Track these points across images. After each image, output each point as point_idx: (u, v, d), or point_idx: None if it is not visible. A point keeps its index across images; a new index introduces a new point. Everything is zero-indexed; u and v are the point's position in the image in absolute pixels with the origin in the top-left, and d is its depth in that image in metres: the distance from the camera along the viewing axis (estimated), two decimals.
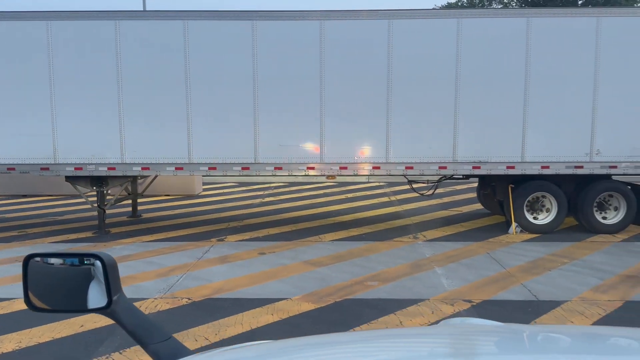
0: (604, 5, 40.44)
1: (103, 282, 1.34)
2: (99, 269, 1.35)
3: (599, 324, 4.67)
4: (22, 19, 8.00)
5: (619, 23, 7.90)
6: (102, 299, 1.35)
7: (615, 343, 1.27)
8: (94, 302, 1.36)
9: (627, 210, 8.20)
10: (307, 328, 4.64)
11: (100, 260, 1.35)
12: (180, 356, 1.34)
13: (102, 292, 1.35)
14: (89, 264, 1.36)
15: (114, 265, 1.37)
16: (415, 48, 8.00)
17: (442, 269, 6.45)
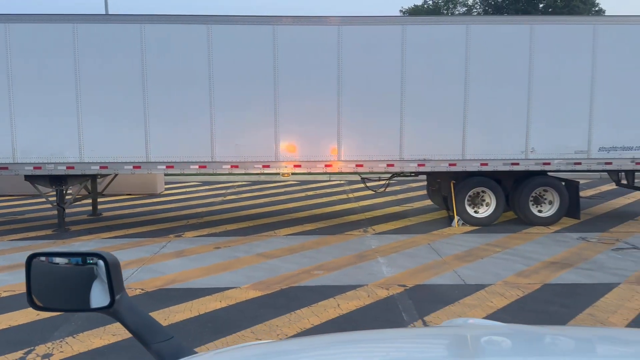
0: (543, 13, 42.00)
1: (106, 281, 1.35)
2: (102, 269, 1.35)
3: (516, 304, 5.21)
4: None
5: (551, 30, 8.55)
6: (105, 298, 1.35)
7: (616, 344, 1.27)
8: (97, 302, 1.36)
9: (560, 203, 8.88)
10: (251, 313, 5.03)
11: (103, 259, 1.35)
12: (183, 356, 1.34)
13: (105, 292, 1.35)
14: (92, 263, 1.37)
15: (117, 265, 1.38)
16: (363, 53, 8.47)
17: (384, 258, 6.93)
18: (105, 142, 8.37)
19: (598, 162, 8.67)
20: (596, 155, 8.65)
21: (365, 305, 5.21)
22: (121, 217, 10.09)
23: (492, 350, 1.24)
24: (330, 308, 5.14)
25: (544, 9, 59.13)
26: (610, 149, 8.65)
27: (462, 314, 4.93)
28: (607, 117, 8.56)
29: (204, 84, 8.34)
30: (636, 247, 7.34)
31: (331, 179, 15.98)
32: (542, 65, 8.46)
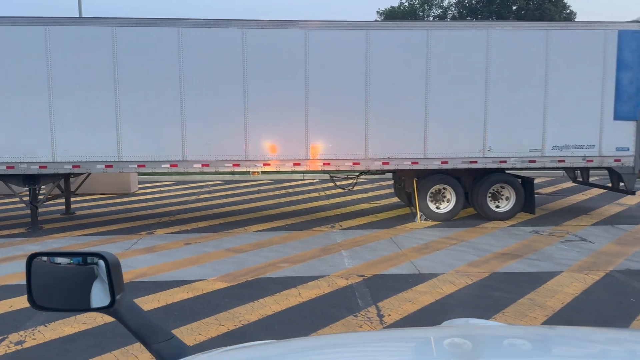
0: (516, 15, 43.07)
1: (106, 281, 1.35)
2: (103, 268, 1.36)
3: (463, 290, 5.62)
4: None
5: (506, 34, 9.02)
6: (105, 298, 1.35)
7: (617, 344, 1.28)
8: (97, 302, 1.36)
9: (516, 199, 9.38)
10: (216, 302, 5.33)
11: (103, 259, 1.36)
12: (183, 356, 1.35)
13: (105, 292, 1.35)
14: (93, 263, 1.38)
15: (118, 265, 1.38)
16: (330, 55, 8.82)
17: (347, 251, 7.30)
18: (77, 141, 8.55)
19: (551, 160, 9.19)
20: (550, 154, 9.17)
21: (325, 294, 5.56)
22: (94, 215, 10.26)
23: (492, 350, 1.24)
24: (292, 296, 5.48)
25: (517, 11, 60.47)
26: (563, 147, 9.18)
27: (413, 300, 5.31)
28: (560, 118, 9.08)
29: (175, 84, 8.60)
30: (583, 239, 7.86)
31: (304, 178, 16.32)
32: (498, 68, 8.93)
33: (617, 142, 9.25)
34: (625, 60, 9.11)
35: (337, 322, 4.77)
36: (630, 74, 9.13)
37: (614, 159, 9.27)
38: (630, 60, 9.12)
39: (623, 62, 9.11)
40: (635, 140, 9.28)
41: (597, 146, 9.21)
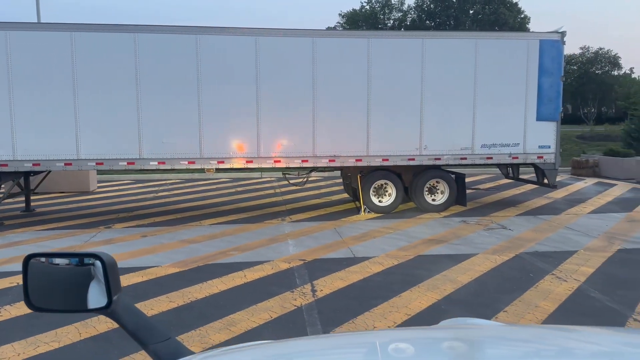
0: (473, 20, 44.32)
1: (103, 282, 1.35)
2: (99, 269, 1.35)
3: (389, 270, 6.39)
4: None
5: (439, 44, 9.92)
6: (102, 299, 1.35)
7: (617, 344, 1.27)
8: (94, 302, 1.36)
9: (450, 193, 10.31)
10: (168, 284, 5.92)
11: (100, 260, 1.35)
12: (181, 356, 1.35)
13: (102, 292, 1.35)
14: (89, 263, 1.37)
15: (115, 266, 1.38)
16: (278, 60, 9.50)
17: (293, 240, 8.00)
18: (38, 140, 8.94)
19: (480, 157, 10.14)
20: (479, 152, 10.12)
21: (268, 275, 6.24)
22: (54, 212, 10.62)
23: (491, 350, 1.24)
24: (238, 278, 6.13)
25: (474, 15, 62.33)
26: (491, 145, 10.14)
27: (344, 278, 6.05)
28: (488, 119, 10.03)
29: (132, 86, 9.09)
30: (504, 227, 8.81)
31: (262, 176, 16.95)
32: (432, 74, 9.81)
33: (540, 140, 10.29)
34: (546, 67, 10.16)
35: (275, 297, 5.46)
36: (550, 79, 10.18)
37: (537, 156, 10.31)
38: (550, 67, 10.17)
39: (544, 69, 10.15)
40: (556, 138, 10.35)
41: (522, 144, 10.22)
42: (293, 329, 4.64)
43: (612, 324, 4.66)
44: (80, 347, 4.30)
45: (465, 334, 1.45)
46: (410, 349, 1.24)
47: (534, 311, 5.01)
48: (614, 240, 7.89)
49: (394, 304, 5.24)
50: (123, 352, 4.10)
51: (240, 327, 4.68)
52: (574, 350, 1.24)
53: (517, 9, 61.50)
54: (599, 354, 1.19)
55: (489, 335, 1.40)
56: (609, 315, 4.92)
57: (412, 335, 1.45)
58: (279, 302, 5.31)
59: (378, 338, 1.41)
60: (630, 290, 5.62)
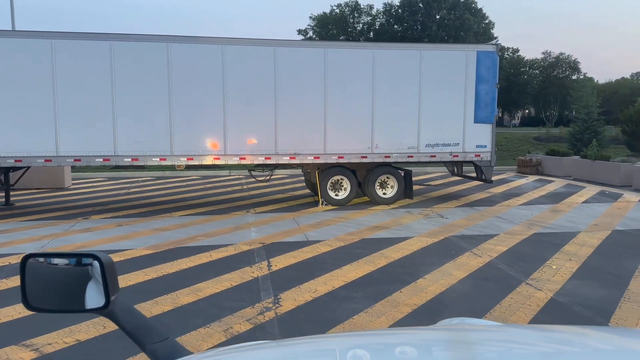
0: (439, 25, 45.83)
1: (101, 282, 1.35)
2: (97, 269, 1.35)
3: (335, 250, 7.46)
4: None
5: (388, 55, 11.07)
6: (100, 299, 1.35)
7: (613, 343, 1.28)
8: (92, 302, 1.36)
9: (398, 187, 11.49)
10: (142, 263, 6.84)
11: (98, 260, 1.35)
12: (178, 356, 1.35)
13: (100, 292, 1.35)
14: (87, 264, 1.37)
15: (112, 266, 1.38)
16: (241, 63, 10.49)
17: (255, 228, 9.01)
18: (19, 137, 9.70)
19: (425, 155, 11.34)
20: (424, 150, 11.32)
21: (231, 254, 7.24)
22: (33, 206, 11.35)
23: (488, 350, 1.25)
24: (204, 257, 7.11)
25: (440, 20, 64.22)
26: (434, 145, 11.36)
27: (296, 256, 7.10)
28: (431, 122, 11.23)
29: (107, 88, 9.93)
30: (441, 216, 10.02)
31: (231, 174, 17.87)
32: (381, 81, 10.96)
33: (477, 140, 11.56)
34: (483, 75, 11.43)
35: (236, 270, 6.46)
36: (486, 86, 11.46)
37: (475, 154, 11.57)
38: (486, 75, 11.44)
39: (481, 77, 11.42)
40: (491, 139, 11.63)
41: (461, 144, 11.47)
42: (248, 294, 5.66)
43: (508, 287, 5.83)
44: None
45: (463, 334, 1.44)
46: (407, 349, 1.22)
47: (446, 278, 6.15)
48: (532, 226, 9.17)
49: (335, 274, 6.31)
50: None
51: (205, 292, 5.66)
52: (572, 350, 1.23)
53: (481, 15, 63.84)
54: (597, 354, 1.19)
55: (487, 336, 1.40)
56: (507, 280, 6.10)
57: (410, 335, 1.44)
58: (239, 274, 6.31)
59: (375, 339, 1.40)
60: (530, 263, 6.83)
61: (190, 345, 4.32)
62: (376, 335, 1.51)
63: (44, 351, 4.22)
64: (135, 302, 5.29)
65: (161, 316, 4.97)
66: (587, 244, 7.80)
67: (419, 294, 5.58)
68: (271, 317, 4.96)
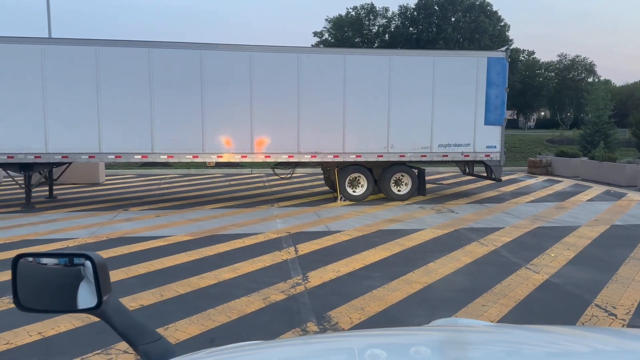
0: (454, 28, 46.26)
1: (93, 282, 1.34)
2: (89, 269, 1.35)
3: (354, 239, 8.28)
4: None
5: (403, 60, 11.86)
6: (92, 299, 1.34)
7: (608, 343, 1.29)
8: (84, 302, 1.35)
9: (412, 185, 12.26)
10: (183, 246, 7.71)
11: (90, 260, 1.35)
12: (170, 357, 1.35)
13: (92, 293, 1.34)
14: (79, 264, 1.37)
15: (105, 266, 1.37)
16: (270, 69, 11.35)
17: (281, 220, 9.86)
18: (66, 136, 10.67)
19: (438, 155, 12.10)
20: (436, 150, 12.08)
21: (261, 241, 8.10)
22: (73, 199, 12.34)
23: (481, 350, 1.25)
24: (238, 243, 7.97)
25: (455, 23, 64.57)
26: (447, 145, 12.11)
27: (320, 243, 7.93)
28: (444, 123, 11.99)
29: (145, 90, 10.86)
30: (452, 211, 10.77)
31: (252, 172, 18.77)
32: (397, 86, 11.75)
33: (487, 141, 12.29)
34: (493, 80, 12.16)
35: (267, 254, 7.31)
36: (496, 90, 12.19)
37: (485, 154, 12.30)
38: (496, 80, 12.17)
39: (491, 82, 12.15)
40: (501, 140, 12.35)
41: (472, 145, 12.21)
42: (280, 272, 6.49)
43: (509, 270, 6.59)
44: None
45: (457, 334, 1.44)
46: (400, 350, 1.23)
47: (454, 263, 6.92)
48: (537, 220, 9.88)
49: (354, 258, 7.13)
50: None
51: (243, 271, 6.52)
52: (566, 350, 1.23)
53: (496, 17, 64.12)
54: (591, 354, 1.19)
55: (479, 336, 1.40)
56: (509, 265, 6.86)
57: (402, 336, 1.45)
58: (270, 257, 7.16)
59: (368, 340, 1.39)
60: (531, 251, 7.57)
61: (237, 309, 5.17)
62: (368, 337, 1.48)
63: None
64: (183, 277, 6.17)
65: (208, 288, 5.83)
66: (586, 236, 8.51)
67: (429, 275, 6.37)
68: (301, 290, 5.79)
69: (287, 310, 5.19)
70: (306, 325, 4.78)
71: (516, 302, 5.39)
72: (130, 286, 5.86)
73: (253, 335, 4.53)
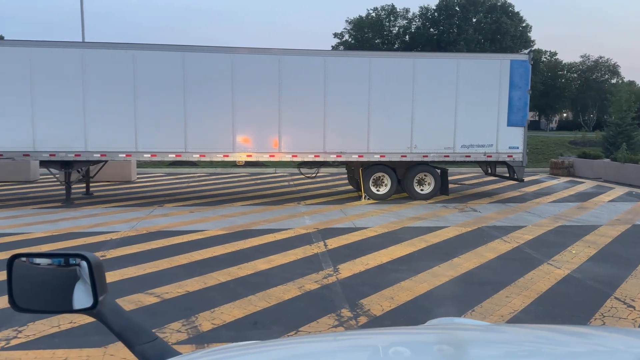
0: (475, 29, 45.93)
1: (89, 282, 1.33)
2: (85, 270, 1.34)
3: (381, 235, 8.63)
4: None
5: (427, 63, 12.17)
6: (88, 299, 1.33)
7: (603, 342, 1.30)
8: (80, 303, 1.34)
9: (435, 184, 12.56)
10: (220, 240, 8.16)
11: (86, 260, 1.34)
12: (167, 357, 1.34)
13: (88, 293, 1.34)
14: (75, 264, 1.35)
15: (100, 266, 1.36)
16: (297, 73, 11.77)
17: (309, 216, 10.26)
18: (104, 136, 11.24)
19: (460, 155, 12.37)
20: (459, 151, 12.36)
21: (291, 236, 8.50)
22: (109, 195, 12.94)
23: (478, 351, 1.24)
24: (270, 237, 8.39)
25: (476, 24, 64.26)
26: (469, 146, 12.38)
27: (348, 238, 8.30)
28: (467, 124, 12.27)
29: (179, 93, 11.38)
30: (475, 210, 11.04)
31: (276, 172, 19.23)
32: (421, 87, 12.07)
33: (510, 142, 12.52)
34: (516, 82, 12.39)
35: (298, 248, 7.71)
36: (519, 92, 12.42)
37: (507, 155, 12.54)
38: (519, 82, 12.40)
39: (514, 84, 12.39)
40: (523, 141, 12.57)
41: (495, 145, 12.45)
42: (311, 264, 6.88)
43: (532, 265, 6.88)
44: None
45: (452, 334, 1.44)
46: (394, 350, 1.23)
47: (478, 258, 7.23)
48: (558, 220, 10.11)
49: (382, 252, 7.48)
50: None
51: (277, 262, 6.92)
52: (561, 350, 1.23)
53: (518, 18, 63.64)
54: (585, 354, 1.19)
55: (474, 336, 1.40)
56: (531, 260, 7.14)
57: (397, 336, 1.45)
58: (301, 250, 7.56)
59: (363, 340, 1.41)
60: (553, 248, 7.83)
61: (275, 296, 5.58)
62: (363, 336, 1.49)
63: (163, 297, 5.55)
64: (222, 267, 6.60)
65: (246, 277, 6.25)
66: (607, 235, 8.73)
67: (455, 268, 6.69)
68: (333, 280, 6.17)
69: (322, 298, 5.57)
70: (340, 312, 5.15)
71: (538, 294, 5.69)
72: (175, 274, 6.32)
73: (293, 320, 4.93)
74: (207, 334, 4.60)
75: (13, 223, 9.37)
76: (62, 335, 4.52)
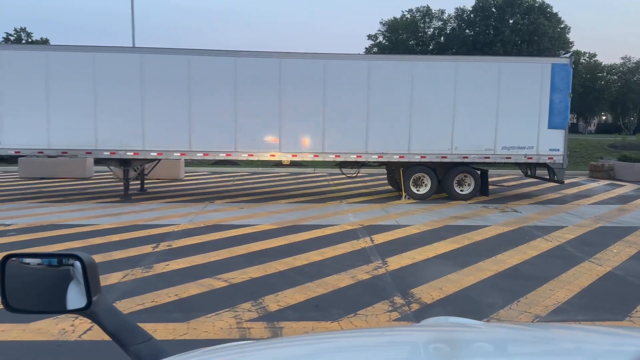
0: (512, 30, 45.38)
1: (82, 282, 1.33)
2: (78, 270, 1.34)
3: (423, 232, 9.01)
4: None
5: (470, 66, 12.46)
6: (82, 299, 1.33)
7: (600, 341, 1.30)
8: (73, 303, 1.34)
9: (475, 185, 12.82)
10: (272, 234, 8.70)
11: (79, 260, 1.34)
12: (162, 357, 1.34)
13: (82, 293, 1.34)
14: (68, 264, 1.35)
15: (94, 266, 1.36)
16: (340, 75, 12.25)
17: (352, 214, 10.72)
18: (160, 136, 11.96)
19: (501, 157, 12.60)
20: (500, 152, 12.59)
21: (339, 232, 8.98)
22: (161, 192, 13.70)
23: (472, 349, 1.25)
24: (318, 232, 8.89)
25: (513, 25, 63.39)
26: (510, 147, 12.60)
27: (392, 234, 8.72)
28: (508, 126, 12.49)
29: (230, 93, 12.01)
30: (516, 211, 11.28)
31: (315, 171, 19.76)
32: (463, 90, 12.37)
33: (551, 144, 12.67)
34: (557, 85, 12.55)
35: (346, 242, 8.18)
36: (560, 95, 12.57)
37: (548, 157, 12.70)
38: (560, 85, 12.55)
39: (555, 87, 12.54)
40: (564, 143, 12.70)
41: (535, 147, 12.63)
42: (361, 257, 7.33)
43: (573, 262, 7.16)
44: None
45: (448, 333, 1.45)
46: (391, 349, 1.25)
47: (521, 255, 7.54)
48: (599, 220, 10.26)
49: (426, 248, 7.88)
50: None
51: (328, 255, 7.41)
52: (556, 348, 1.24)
53: (557, 19, 62.47)
54: (585, 353, 1.19)
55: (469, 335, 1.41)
56: (573, 258, 7.41)
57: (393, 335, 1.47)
58: (350, 245, 8.03)
59: (361, 339, 1.40)
60: (594, 247, 8.06)
61: (331, 283, 6.06)
62: (361, 336, 1.49)
63: (231, 282, 6.10)
64: (278, 258, 7.13)
65: (302, 267, 6.75)
66: None
67: (498, 264, 7.03)
68: (383, 272, 6.61)
69: (374, 286, 6.02)
70: (393, 299, 5.59)
71: (581, 288, 5.99)
72: (237, 263, 6.88)
73: (350, 304, 5.39)
74: (275, 313, 5.12)
75: (81, 215, 10.16)
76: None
